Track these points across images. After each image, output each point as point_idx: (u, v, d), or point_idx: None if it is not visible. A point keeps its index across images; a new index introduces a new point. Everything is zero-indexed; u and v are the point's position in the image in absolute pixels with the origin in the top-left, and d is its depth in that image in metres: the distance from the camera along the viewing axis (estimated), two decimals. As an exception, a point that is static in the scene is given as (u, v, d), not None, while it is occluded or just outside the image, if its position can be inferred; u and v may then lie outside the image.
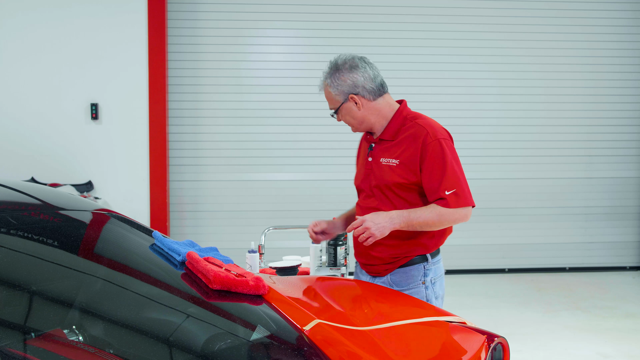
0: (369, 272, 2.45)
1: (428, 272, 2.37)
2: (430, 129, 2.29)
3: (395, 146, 2.33)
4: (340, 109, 2.36)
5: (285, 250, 4.17)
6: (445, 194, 2.21)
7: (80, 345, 1.48)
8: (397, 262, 2.36)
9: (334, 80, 2.34)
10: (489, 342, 1.79)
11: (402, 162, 2.29)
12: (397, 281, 2.36)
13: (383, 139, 2.37)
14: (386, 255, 2.36)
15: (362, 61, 2.36)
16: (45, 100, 5.64)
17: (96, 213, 2.11)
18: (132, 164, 5.78)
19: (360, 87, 2.33)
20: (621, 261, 6.63)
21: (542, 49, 6.37)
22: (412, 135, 2.30)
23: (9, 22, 5.57)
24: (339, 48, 6.03)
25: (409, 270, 2.35)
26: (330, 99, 2.39)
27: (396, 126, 2.36)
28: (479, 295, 5.59)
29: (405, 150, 2.29)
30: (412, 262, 2.35)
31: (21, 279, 1.61)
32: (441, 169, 2.23)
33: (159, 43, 5.77)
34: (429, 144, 2.25)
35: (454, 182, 2.23)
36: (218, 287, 1.83)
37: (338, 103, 2.36)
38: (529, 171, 6.45)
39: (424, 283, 2.36)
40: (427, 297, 2.37)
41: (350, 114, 2.36)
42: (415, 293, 2.34)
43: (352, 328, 1.79)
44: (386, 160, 2.33)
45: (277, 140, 6.16)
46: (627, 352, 4.13)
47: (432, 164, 2.23)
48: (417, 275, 2.35)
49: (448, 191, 2.21)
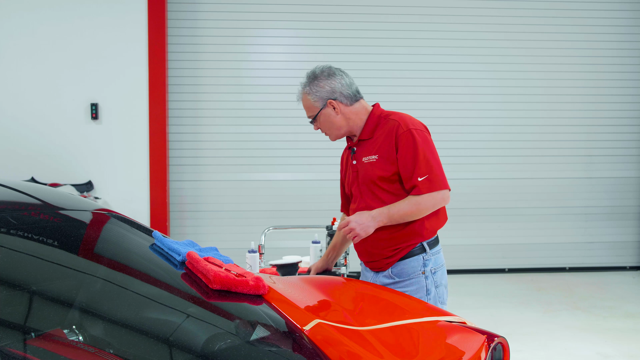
0: (372, 269, 2.55)
1: (427, 262, 2.45)
2: (402, 120, 2.41)
3: (372, 143, 2.46)
4: (319, 115, 2.49)
5: (285, 250, 4.17)
6: (418, 180, 2.33)
7: (80, 345, 1.48)
8: (397, 255, 2.44)
9: (312, 87, 2.47)
10: (489, 342, 1.79)
11: (380, 156, 2.41)
12: (398, 273, 2.45)
13: (362, 139, 2.50)
14: (384, 250, 2.45)
15: (339, 70, 2.51)
16: (45, 100, 5.64)
17: (96, 213, 2.11)
18: (132, 164, 5.79)
19: (337, 93, 2.46)
20: (621, 261, 6.64)
21: (542, 49, 6.37)
22: (386, 130, 2.42)
23: (9, 22, 5.57)
24: (339, 48, 6.10)
25: (409, 262, 2.44)
26: (309, 106, 2.50)
27: (372, 125, 2.48)
28: (479, 295, 5.59)
29: (382, 144, 2.42)
30: (411, 254, 2.44)
31: (21, 279, 1.61)
32: (413, 156, 2.35)
33: (159, 43, 5.78)
34: (401, 134, 2.37)
35: (426, 169, 2.34)
36: (218, 287, 1.83)
37: (316, 110, 2.48)
38: (529, 171, 6.45)
39: (423, 273, 2.45)
40: (427, 286, 2.45)
41: (329, 120, 2.48)
42: (415, 283, 2.44)
43: (352, 328, 1.79)
44: (367, 158, 2.46)
45: (277, 140, 6.16)
46: (627, 352, 4.13)
47: (404, 152, 2.35)
48: (417, 266, 2.44)
49: (420, 177, 2.33)
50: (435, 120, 5.90)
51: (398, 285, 2.45)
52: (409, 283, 2.44)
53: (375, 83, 5.90)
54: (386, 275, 2.48)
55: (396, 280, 2.45)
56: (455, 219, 6.35)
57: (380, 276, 2.50)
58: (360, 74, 6.33)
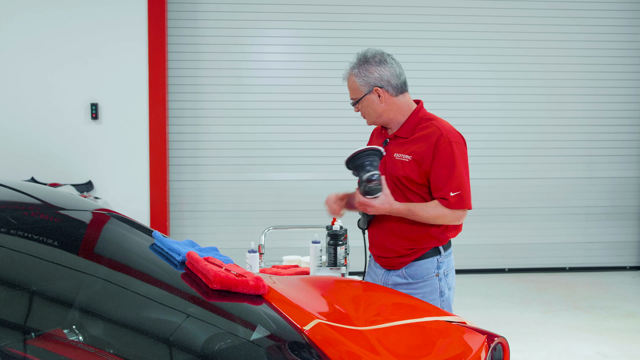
0: (384, 265, 2.52)
1: (441, 264, 2.46)
2: (445, 130, 2.38)
3: (409, 143, 2.41)
4: (362, 100, 2.44)
5: (285, 250, 4.16)
6: (450, 195, 2.33)
7: (80, 345, 1.48)
8: (412, 256, 2.43)
9: (361, 70, 2.42)
10: (489, 342, 1.79)
11: (414, 159, 2.37)
12: (412, 274, 2.44)
13: (398, 136, 2.46)
14: (400, 247, 2.43)
15: (390, 57, 2.50)
16: (45, 100, 5.64)
17: (96, 213, 2.11)
18: (132, 164, 5.78)
19: (385, 82, 2.42)
20: (621, 261, 6.63)
21: (542, 49, 6.36)
22: (426, 135, 2.38)
23: (10, 22, 5.57)
24: (338, 48, 6.10)
25: (424, 264, 2.43)
26: (354, 88, 2.45)
27: (412, 125, 2.44)
28: (479, 295, 5.59)
29: (419, 148, 2.38)
30: (426, 256, 2.43)
31: (21, 279, 1.61)
32: (449, 170, 2.33)
33: (159, 43, 5.77)
34: (441, 144, 2.34)
35: (459, 185, 2.35)
36: (218, 287, 1.83)
37: (361, 94, 2.43)
38: (529, 171, 6.45)
39: (437, 275, 2.45)
40: (441, 288, 2.45)
41: (372, 106, 2.44)
42: (430, 285, 2.43)
43: (352, 328, 1.78)
44: (399, 155, 2.41)
45: (277, 140, 6.15)
46: (627, 352, 4.13)
47: (441, 163, 2.33)
48: (431, 268, 2.44)
49: (453, 192, 2.33)
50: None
51: (412, 286, 2.43)
52: (423, 285, 2.43)
53: (375, 83, 5.89)
54: (399, 275, 2.45)
55: (410, 281, 2.43)
56: (455, 219, 6.36)
57: (392, 275, 2.47)
58: (360, 74, 6.35)
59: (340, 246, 3.10)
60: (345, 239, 3.10)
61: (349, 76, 2.46)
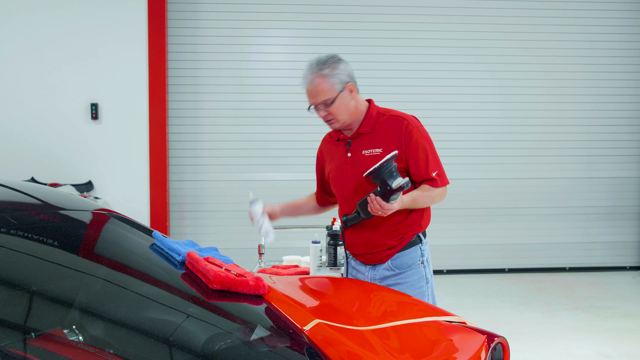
0: (369, 262, 2.52)
1: (424, 252, 2.51)
2: (407, 118, 2.45)
3: (374, 137, 2.46)
4: (336, 99, 2.41)
5: (285, 250, 4.17)
6: (433, 176, 2.40)
7: (80, 345, 1.48)
8: (398, 247, 2.46)
9: (333, 69, 2.40)
10: (489, 342, 1.79)
11: (385, 150, 2.40)
12: (399, 265, 2.47)
13: (362, 133, 2.48)
14: (389, 239, 2.45)
15: None
16: (45, 100, 5.64)
17: (96, 213, 2.11)
18: (132, 164, 5.79)
19: (352, 77, 2.46)
20: (621, 261, 6.64)
21: (542, 49, 6.37)
22: (391, 126, 2.44)
23: (10, 22, 5.58)
24: (338, 48, 6.09)
25: (408, 253, 2.47)
26: (325, 90, 2.39)
27: (372, 119, 2.48)
28: (479, 295, 5.59)
29: (386, 138, 2.43)
30: (410, 245, 2.47)
31: (21, 279, 1.61)
32: (425, 154, 2.41)
33: (159, 43, 5.77)
34: (410, 132, 2.40)
35: (436, 164, 2.44)
36: (218, 287, 1.83)
37: (335, 92, 2.41)
38: (529, 171, 6.45)
39: (422, 263, 2.49)
40: (426, 275, 2.50)
41: (345, 104, 2.43)
42: (416, 273, 2.47)
43: (352, 328, 1.79)
44: (368, 151, 2.45)
45: (277, 140, 6.16)
46: (627, 352, 4.13)
47: (417, 150, 2.39)
48: (416, 256, 2.48)
49: (434, 172, 2.40)
50: (435, 120, 5.89)
51: (399, 276, 2.45)
52: (410, 273, 2.46)
53: (375, 83, 5.90)
54: (386, 268, 2.47)
55: (397, 272, 2.46)
56: (456, 219, 6.36)
57: (380, 269, 2.48)
58: (360, 74, 6.29)
59: (340, 246, 3.11)
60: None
61: (316, 79, 2.39)
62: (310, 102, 2.45)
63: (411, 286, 2.45)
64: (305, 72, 2.43)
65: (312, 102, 2.45)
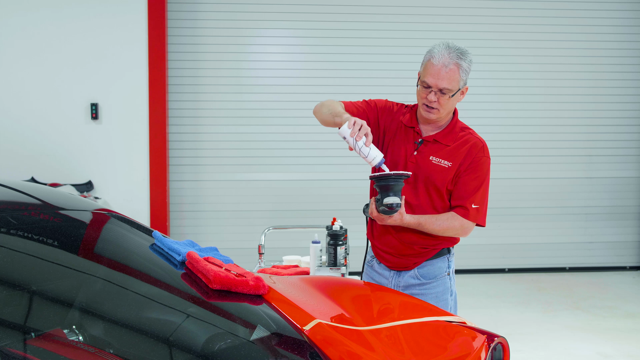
0: (394, 267, 2.47)
1: (451, 263, 2.48)
2: (485, 145, 2.42)
3: (447, 148, 2.38)
4: (455, 94, 2.33)
5: (285, 250, 4.17)
6: (471, 207, 2.34)
7: (80, 345, 1.48)
8: (427, 255, 2.43)
9: (468, 65, 2.37)
10: (489, 342, 1.79)
11: (454, 165, 2.36)
12: (425, 274, 2.44)
13: (438, 141, 2.39)
14: (417, 247, 2.40)
15: None
16: (45, 100, 5.64)
17: (96, 213, 2.11)
18: (132, 164, 5.78)
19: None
20: (621, 261, 6.64)
21: (542, 49, 6.36)
22: (464, 142, 2.38)
23: (10, 22, 5.57)
24: (338, 48, 6.10)
25: (436, 262, 2.44)
26: (453, 79, 2.30)
27: (455, 133, 2.41)
28: (479, 295, 5.59)
29: (458, 155, 2.37)
30: (439, 255, 2.44)
31: (21, 279, 1.61)
32: (479, 183, 2.35)
33: (159, 43, 5.77)
34: (480, 158, 2.37)
35: (482, 200, 2.39)
36: (218, 287, 1.83)
37: (457, 87, 2.33)
38: (529, 171, 6.45)
39: (448, 274, 2.46)
40: (451, 287, 2.47)
41: (453, 103, 2.36)
42: (441, 284, 2.44)
43: (352, 328, 1.79)
44: (438, 160, 2.37)
45: (277, 140, 6.15)
46: (627, 352, 4.13)
47: (473, 175, 2.35)
48: (443, 267, 2.46)
49: (474, 205, 2.35)
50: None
51: (425, 287, 2.43)
52: (435, 285, 2.43)
53: (374, 83, 5.90)
54: (412, 276, 2.44)
55: (422, 281, 2.43)
56: (455, 219, 6.36)
57: (405, 276, 2.45)
58: (359, 74, 6.37)
59: (340, 246, 3.10)
60: (345, 239, 3.10)
61: (452, 65, 2.28)
62: (429, 81, 2.28)
63: (435, 298, 2.41)
64: (440, 49, 2.30)
65: (431, 82, 2.28)
